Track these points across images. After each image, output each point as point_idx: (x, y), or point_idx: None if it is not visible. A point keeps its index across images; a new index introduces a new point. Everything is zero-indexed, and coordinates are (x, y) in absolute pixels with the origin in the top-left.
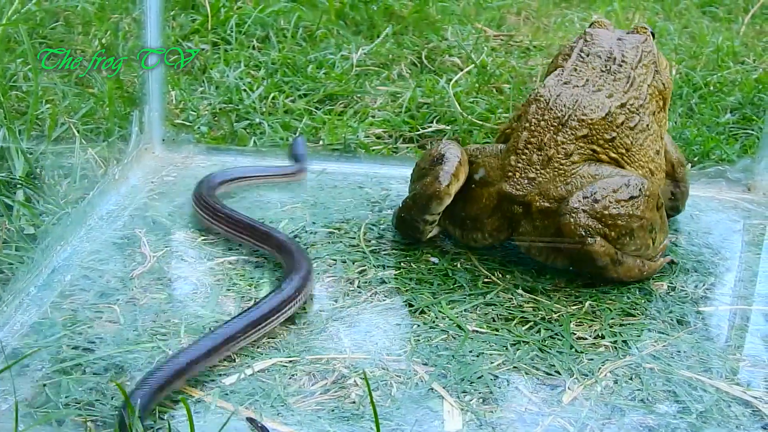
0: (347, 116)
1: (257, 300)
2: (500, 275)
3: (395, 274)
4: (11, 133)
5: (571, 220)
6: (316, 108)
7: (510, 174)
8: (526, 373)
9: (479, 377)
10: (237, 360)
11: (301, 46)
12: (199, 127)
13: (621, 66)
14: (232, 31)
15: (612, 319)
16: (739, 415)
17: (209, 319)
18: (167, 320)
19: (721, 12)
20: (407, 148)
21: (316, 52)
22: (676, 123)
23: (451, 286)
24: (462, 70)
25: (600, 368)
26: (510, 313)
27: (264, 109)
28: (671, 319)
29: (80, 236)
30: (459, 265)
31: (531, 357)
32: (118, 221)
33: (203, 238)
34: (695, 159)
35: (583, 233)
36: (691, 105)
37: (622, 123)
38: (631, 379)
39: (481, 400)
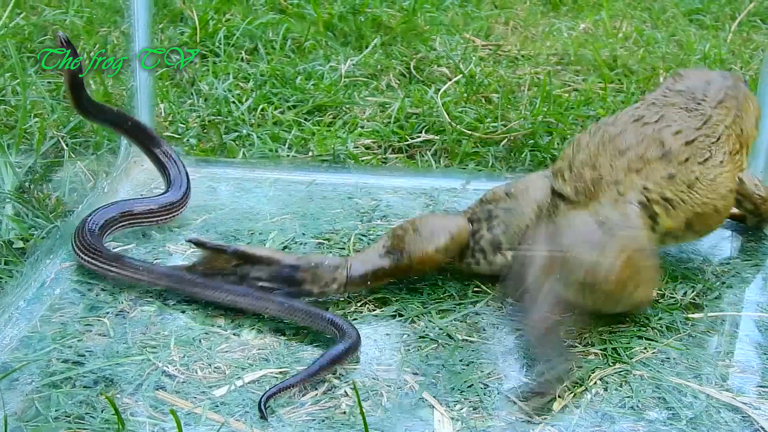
0: (336, 127)
1: None
2: (490, 284)
3: (385, 284)
4: (0, 147)
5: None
6: (305, 119)
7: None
8: (516, 382)
9: (470, 386)
10: (227, 371)
11: (290, 58)
12: (188, 140)
13: (700, 104)
14: (220, 44)
15: (601, 326)
16: (728, 422)
17: (199, 331)
18: (157, 333)
19: (708, 20)
20: (396, 158)
21: (305, 63)
22: None
23: (441, 296)
24: (450, 80)
25: (590, 376)
26: (500, 322)
27: (253, 121)
28: (661, 326)
29: (70, 249)
30: (448, 275)
31: (521, 365)
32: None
33: (193, 250)
34: None
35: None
36: None
37: (688, 159)
38: (621, 386)
39: (471, 408)
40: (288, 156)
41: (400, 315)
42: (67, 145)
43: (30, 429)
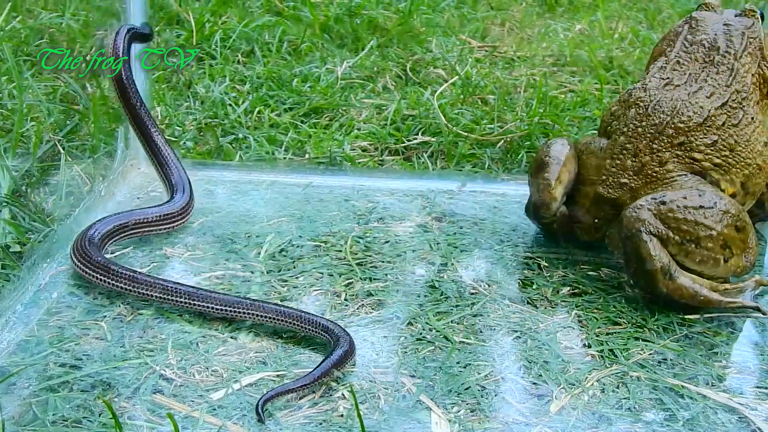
0: (333, 129)
1: None
2: (486, 286)
3: (382, 287)
4: None
5: (633, 214)
6: (302, 121)
7: (605, 177)
8: (514, 384)
9: (467, 388)
10: (224, 375)
11: (286, 60)
12: (184, 142)
13: (725, 57)
14: (216, 46)
15: (598, 328)
16: (725, 422)
17: (197, 334)
18: (154, 336)
19: None
20: (393, 160)
21: (301, 65)
22: None
23: (438, 298)
24: (446, 81)
25: (587, 377)
26: (496, 324)
27: (250, 124)
28: (657, 327)
29: (67, 253)
30: (446, 277)
31: (518, 367)
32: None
33: (190, 253)
34: None
35: (640, 228)
36: None
37: (724, 123)
38: (617, 387)
39: (468, 411)
40: (285, 158)
41: (397, 317)
42: (63, 148)
43: None
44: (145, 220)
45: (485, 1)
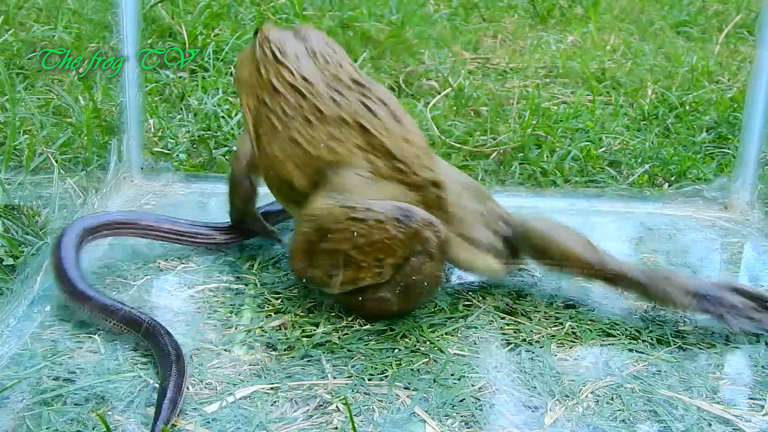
0: None
1: None
2: (480, 298)
3: None
4: None
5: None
6: None
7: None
8: (508, 396)
9: (461, 400)
10: (218, 388)
11: None
12: (177, 155)
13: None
14: (209, 59)
15: (592, 340)
16: None
17: (190, 346)
18: (148, 349)
19: (695, 32)
20: None
21: None
22: (652, 143)
23: (432, 310)
24: (439, 93)
25: (581, 389)
26: (491, 336)
27: None
28: (651, 339)
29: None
30: (439, 288)
31: (512, 379)
32: (97, 250)
33: (183, 265)
34: (672, 178)
35: None
36: (667, 125)
37: None
38: (612, 399)
39: (463, 423)
40: None
41: (391, 329)
42: (56, 161)
43: None
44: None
45: (477, 13)
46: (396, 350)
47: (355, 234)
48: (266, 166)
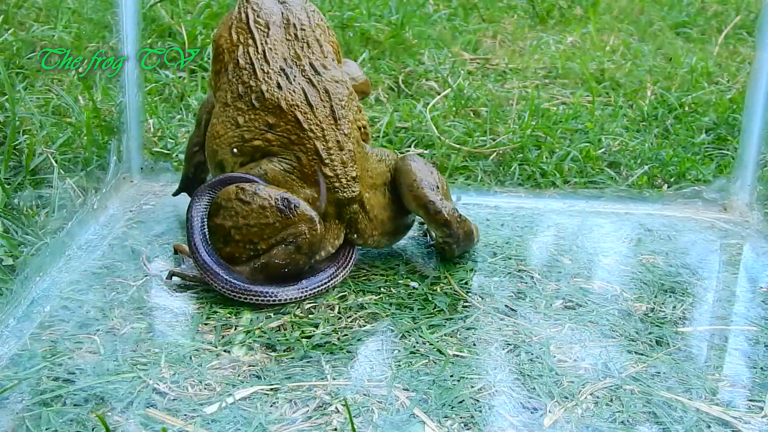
0: None
1: None
2: (480, 299)
3: (375, 300)
4: None
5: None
6: None
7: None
8: (507, 397)
9: (460, 402)
10: (218, 388)
11: None
12: (177, 155)
13: (304, 31)
14: (209, 59)
15: (591, 341)
16: None
17: (190, 348)
18: (147, 350)
19: (694, 33)
20: None
21: None
22: (652, 144)
23: (431, 311)
24: (439, 94)
25: (580, 391)
26: (490, 337)
27: None
28: (650, 341)
29: (59, 267)
30: (439, 290)
31: (512, 381)
32: (97, 251)
33: (183, 265)
34: (671, 180)
35: None
36: (667, 126)
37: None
38: (611, 401)
39: (462, 424)
40: None
41: (391, 330)
42: (56, 161)
43: None
44: None
45: (477, 13)
46: (395, 351)
47: (238, 214)
48: (209, 139)
